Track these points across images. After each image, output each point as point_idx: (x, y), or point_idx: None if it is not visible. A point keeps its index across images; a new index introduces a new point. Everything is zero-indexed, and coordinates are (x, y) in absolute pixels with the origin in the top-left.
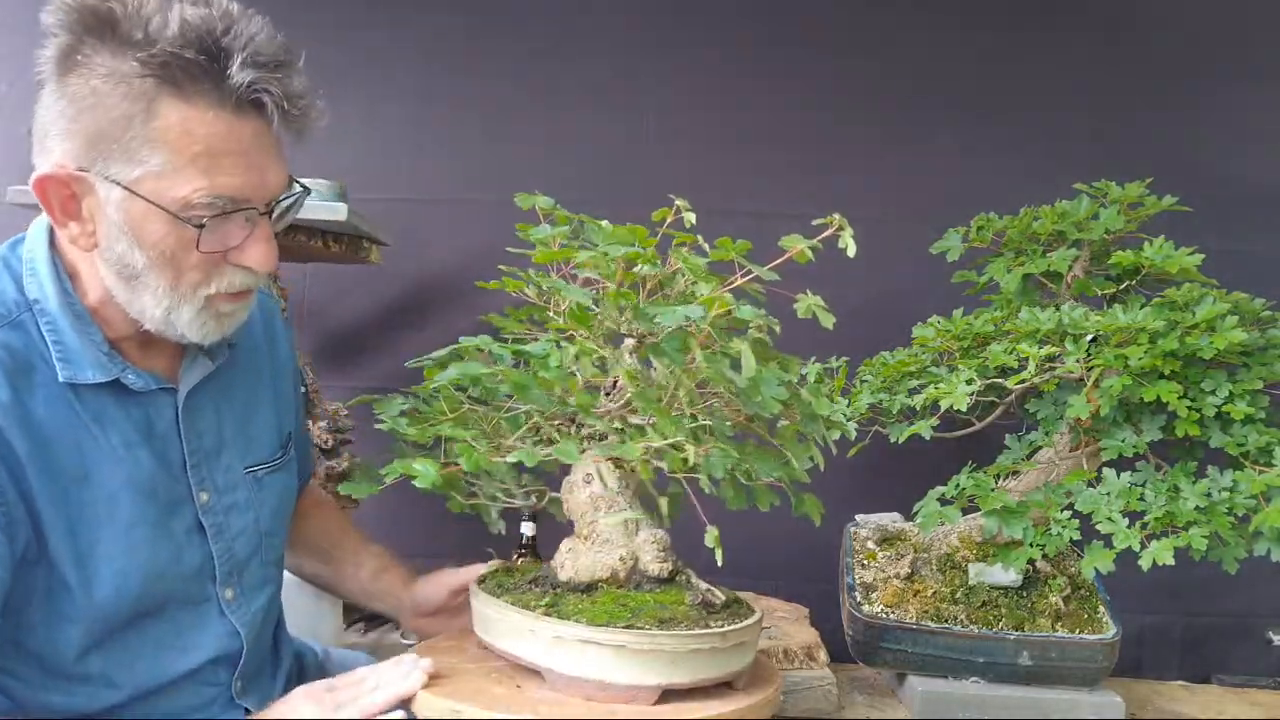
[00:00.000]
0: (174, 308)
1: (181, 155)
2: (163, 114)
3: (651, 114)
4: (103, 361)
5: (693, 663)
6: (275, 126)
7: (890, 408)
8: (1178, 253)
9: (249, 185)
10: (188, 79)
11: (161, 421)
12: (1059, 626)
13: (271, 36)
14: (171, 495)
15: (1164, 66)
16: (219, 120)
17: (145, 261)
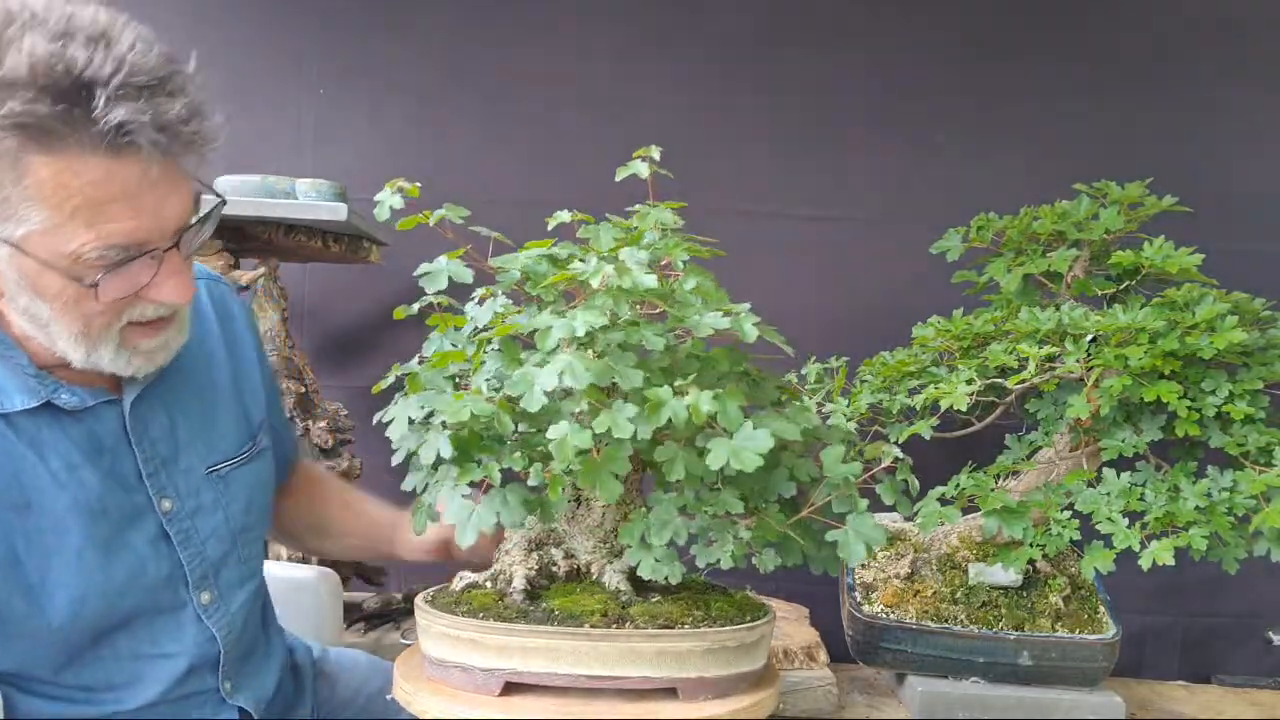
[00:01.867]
0: (91, 350)
1: (61, 210)
2: (32, 171)
3: (651, 114)
4: (31, 386)
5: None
6: (175, 163)
7: (890, 408)
8: (1178, 253)
9: (142, 229)
10: (49, 132)
11: (109, 435)
12: (1059, 626)
13: (146, 50)
14: (128, 509)
15: (1164, 66)
16: (94, 167)
17: (50, 312)
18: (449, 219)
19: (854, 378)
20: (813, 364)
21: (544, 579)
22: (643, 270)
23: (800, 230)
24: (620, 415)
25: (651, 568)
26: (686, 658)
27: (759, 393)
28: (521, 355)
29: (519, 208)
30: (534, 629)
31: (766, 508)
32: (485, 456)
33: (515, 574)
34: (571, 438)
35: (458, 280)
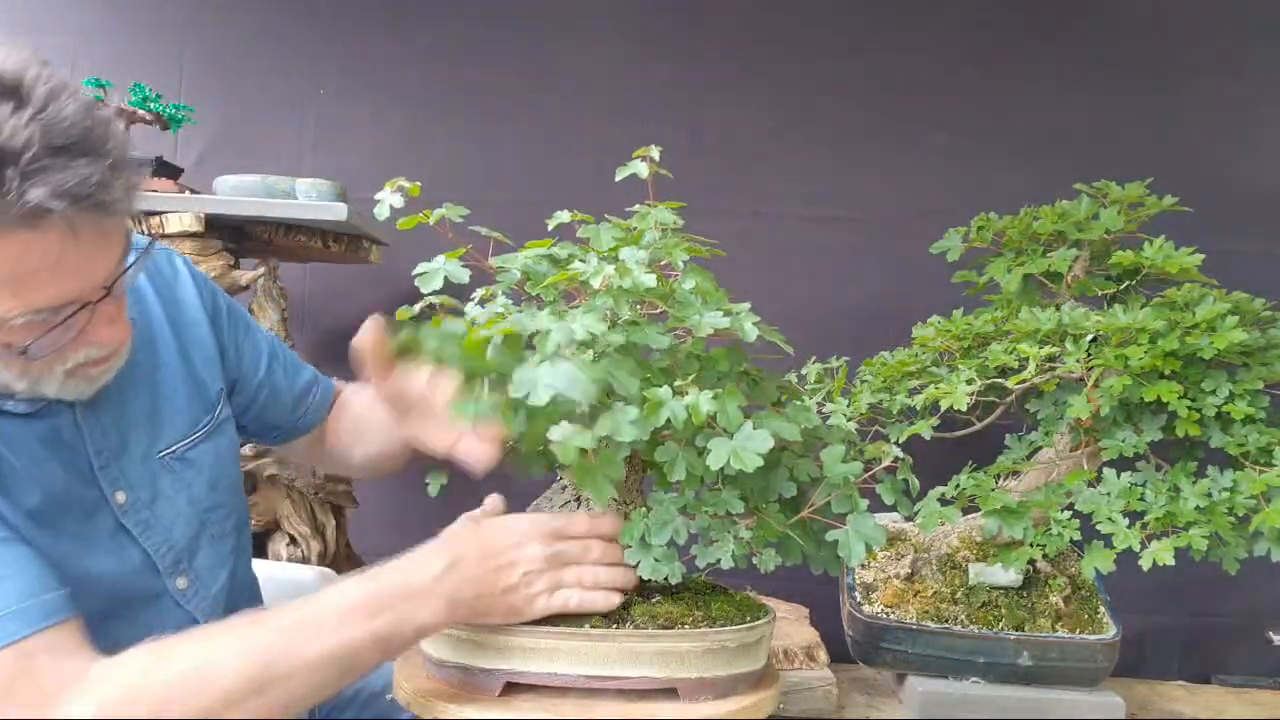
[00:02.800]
0: (35, 385)
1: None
2: None
3: (651, 115)
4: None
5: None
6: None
7: (890, 408)
8: (1178, 253)
9: (68, 291)
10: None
11: (65, 429)
12: (1059, 627)
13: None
14: (88, 503)
15: (1164, 66)
16: (12, 243)
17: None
18: (449, 219)
19: (854, 378)
20: (813, 364)
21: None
22: (643, 270)
23: (800, 230)
24: (622, 418)
25: (651, 568)
26: (686, 658)
27: (759, 393)
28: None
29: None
30: (534, 629)
31: (767, 508)
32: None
33: None
34: (575, 439)
35: (454, 280)
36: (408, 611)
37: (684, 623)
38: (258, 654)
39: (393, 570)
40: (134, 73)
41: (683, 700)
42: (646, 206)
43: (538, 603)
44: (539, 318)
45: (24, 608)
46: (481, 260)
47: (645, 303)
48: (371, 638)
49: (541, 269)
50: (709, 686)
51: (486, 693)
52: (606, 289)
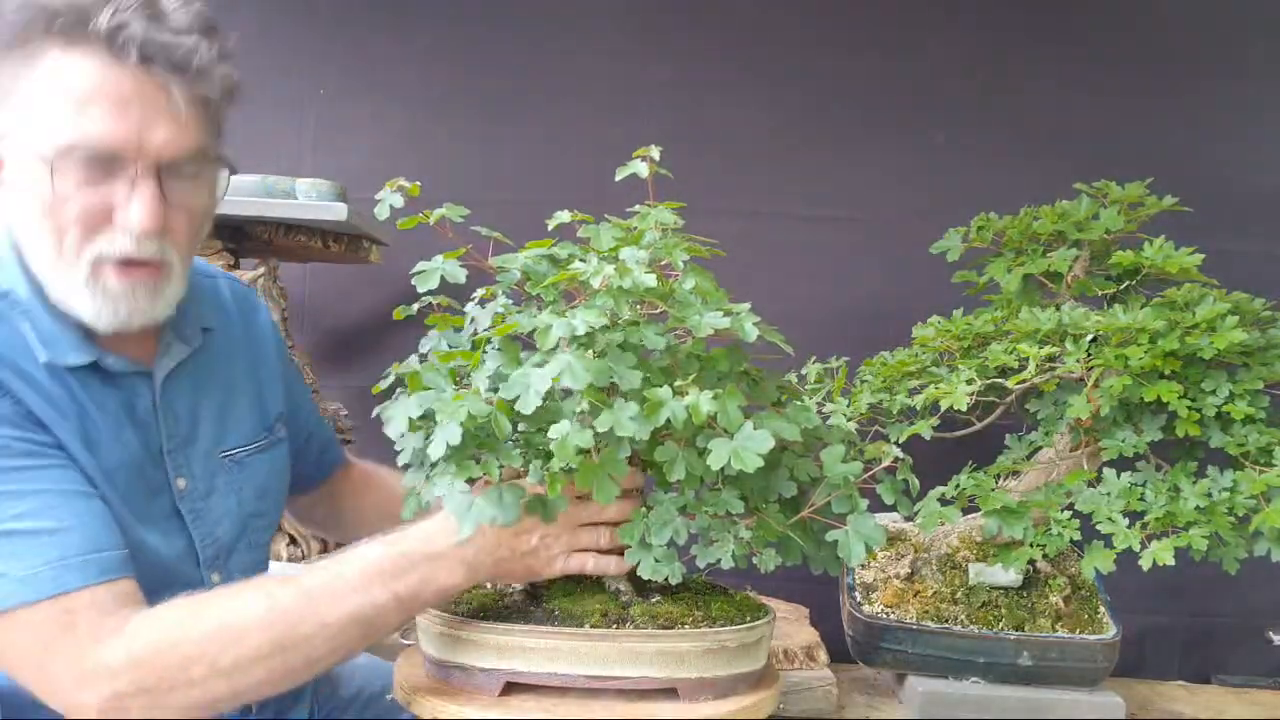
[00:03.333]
0: (63, 275)
1: (52, 100)
2: (41, 61)
3: (651, 115)
4: (82, 345)
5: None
6: (172, 91)
7: (890, 408)
8: (1178, 253)
9: (119, 135)
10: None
11: (141, 406)
12: (1059, 627)
13: (181, 5)
14: (153, 481)
15: (1164, 67)
16: (90, 65)
17: (31, 217)
18: (449, 219)
19: (854, 378)
20: (813, 364)
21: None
22: (643, 270)
23: (800, 230)
24: (622, 414)
25: (651, 568)
26: (686, 658)
27: (759, 393)
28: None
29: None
30: (534, 629)
31: (767, 508)
32: (484, 453)
33: None
34: (572, 437)
35: (451, 280)
36: (429, 574)
37: (684, 623)
38: (283, 614)
39: (416, 534)
40: None
41: (683, 700)
42: (646, 206)
43: (555, 564)
44: (540, 316)
45: (82, 560)
46: (481, 260)
47: (645, 303)
48: (394, 599)
49: (541, 269)
50: (709, 686)
51: (486, 693)
52: (606, 289)
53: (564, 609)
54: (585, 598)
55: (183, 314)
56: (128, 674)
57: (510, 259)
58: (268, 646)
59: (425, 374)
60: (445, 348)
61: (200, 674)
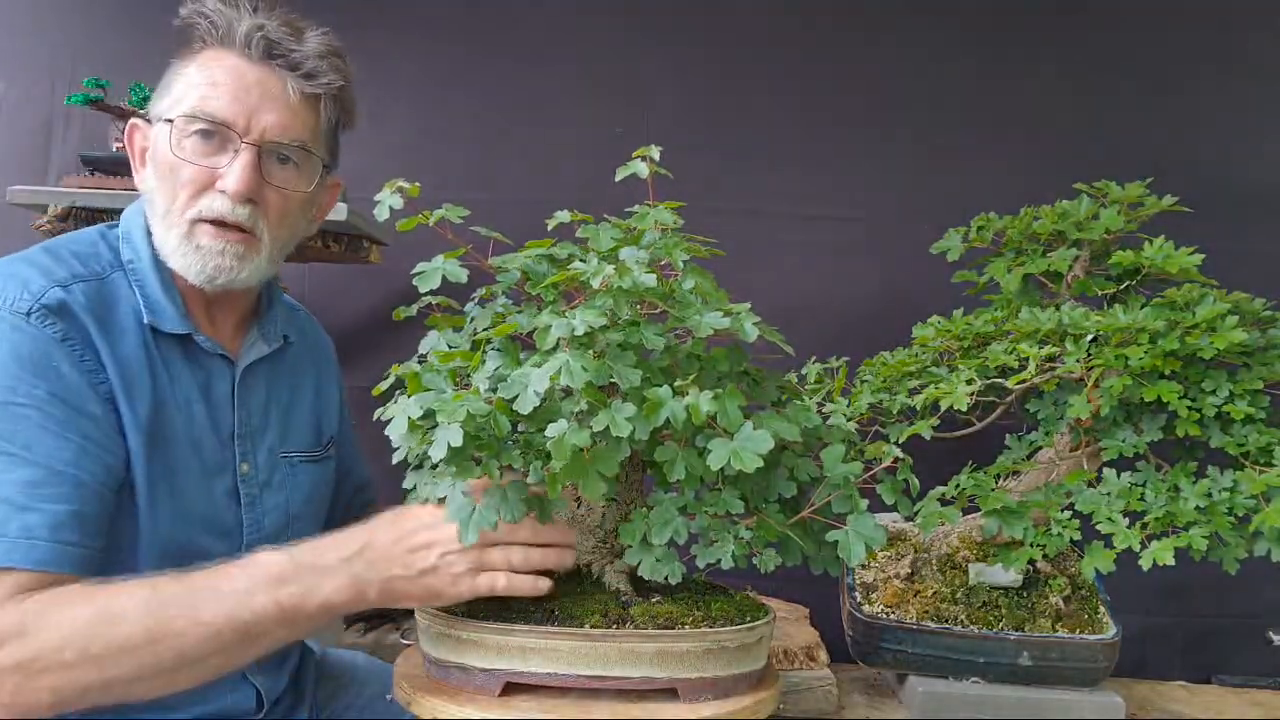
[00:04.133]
0: (168, 231)
1: (193, 83)
2: (198, 58)
3: (651, 114)
4: (182, 319)
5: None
6: (288, 85)
7: (890, 408)
8: (1178, 253)
9: (232, 112)
10: (219, 34)
11: (219, 388)
12: (1059, 627)
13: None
14: (217, 458)
15: (1163, 66)
16: (230, 59)
17: (156, 181)
18: (448, 219)
19: (854, 378)
20: (813, 364)
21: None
22: (643, 270)
23: (800, 230)
24: (619, 414)
25: (651, 568)
26: (686, 658)
27: (759, 393)
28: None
29: (519, 208)
30: (534, 629)
31: (767, 508)
32: (484, 455)
33: None
34: (570, 436)
35: (452, 280)
36: (313, 586)
37: (684, 623)
38: (160, 605)
39: (308, 547)
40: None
41: (683, 700)
42: (646, 206)
43: (461, 585)
44: (539, 316)
45: (25, 542)
46: (481, 260)
47: (645, 303)
48: (275, 606)
49: (541, 269)
50: (709, 686)
51: (486, 693)
52: (606, 289)
53: (564, 609)
54: (585, 598)
55: (269, 318)
56: (8, 645)
57: (510, 259)
58: (139, 636)
59: (425, 375)
60: (445, 348)
61: (71, 658)
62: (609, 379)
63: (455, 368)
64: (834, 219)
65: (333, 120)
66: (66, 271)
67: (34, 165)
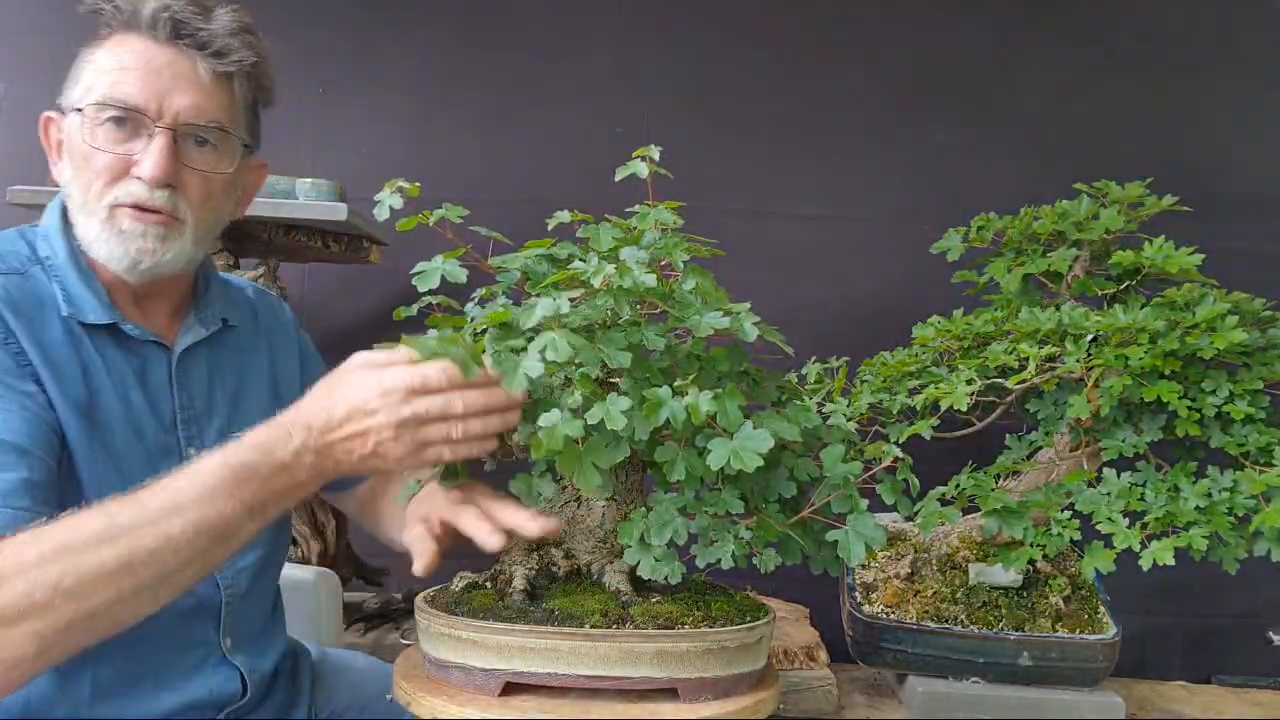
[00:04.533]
0: (87, 220)
1: (102, 70)
2: (105, 44)
3: (651, 114)
4: (104, 309)
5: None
6: (198, 65)
7: (890, 408)
8: (1178, 253)
9: (144, 96)
10: (124, 15)
11: (156, 373)
12: (1059, 627)
13: (228, 10)
14: (161, 444)
15: (1164, 66)
16: (138, 43)
17: (72, 171)
18: (448, 219)
19: (854, 378)
20: (813, 364)
21: (544, 579)
22: (643, 270)
23: (800, 230)
24: (614, 407)
25: (651, 568)
26: (686, 658)
27: (759, 393)
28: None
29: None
30: (534, 629)
31: (766, 508)
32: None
33: (515, 574)
34: (563, 426)
35: (451, 280)
36: (271, 482)
37: (684, 623)
38: (123, 530)
39: (250, 446)
40: None
41: (683, 700)
42: (646, 206)
43: (406, 462)
44: (527, 301)
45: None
46: (481, 260)
47: (645, 303)
48: (241, 506)
49: (541, 269)
50: (709, 686)
51: (486, 693)
52: (607, 289)
53: (564, 609)
54: (585, 598)
55: (206, 303)
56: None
57: (510, 259)
58: (112, 563)
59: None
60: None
61: (44, 598)
62: (598, 360)
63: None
64: (834, 219)
65: (249, 99)
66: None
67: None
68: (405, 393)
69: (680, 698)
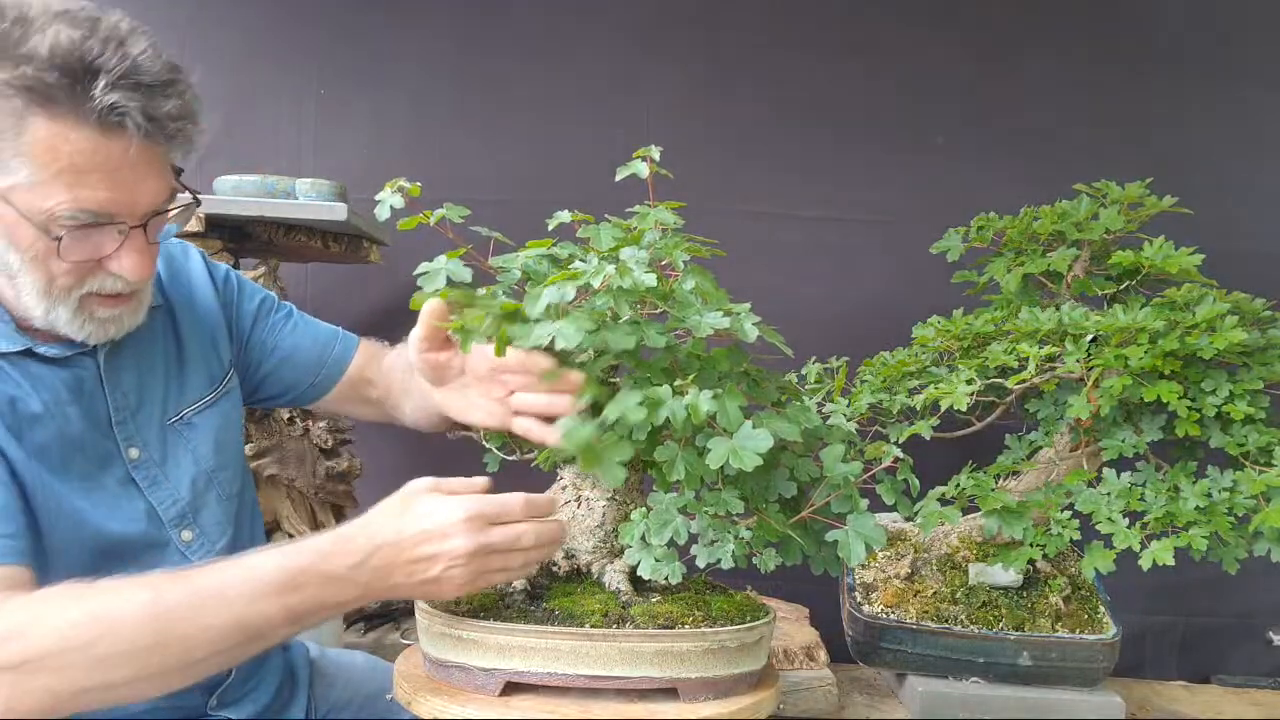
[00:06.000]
0: (51, 308)
1: (47, 170)
2: (30, 130)
3: (651, 114)
4: (12, 335)
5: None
6: (159, 151)
7: (890, 408)
8: (1178, 253)
9: (114, 201)
10: (52, 99)
11: (88, 380)
12: (1059, 627)
13: (155, 57)
14: (100, 451)
15: (1163, 67)
16: (84, 138)
17: (19, 262)
18: (449, 219)
19: (854, 378)
20: (813, 364)
21: (544, 579)
22: (643, 270)
23: (800, 230)
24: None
25: (651, 568)
26: (687, 658)
27: (759, 393)
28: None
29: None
30: (534, 629)
31: (767, 508)
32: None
33: None
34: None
35: (456, 280)
36: (321, 593)
37: (684, 623)
38: (166, 611)
39: (312, 551)
40: None
41: (683, 700)
42: (646, 206)
43: (461, 591)
44: (531, 290)
45: None
46: (482, 260)
47: (645, 302)
48: (285, 611)
49: (541, 269)
50: (709, 686)
51: (486, 693)
52: (607, 289)
53: (564, 609)
54: (585, 597)
55: None
56: (5, 645)
57: (510, 259)
58: (145, 640)
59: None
60: None
61: (71, 660)
62: (601, 340)
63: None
64: (834, 219)
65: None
66: None
67: None
68: (483, 518)
69: (680, 698)
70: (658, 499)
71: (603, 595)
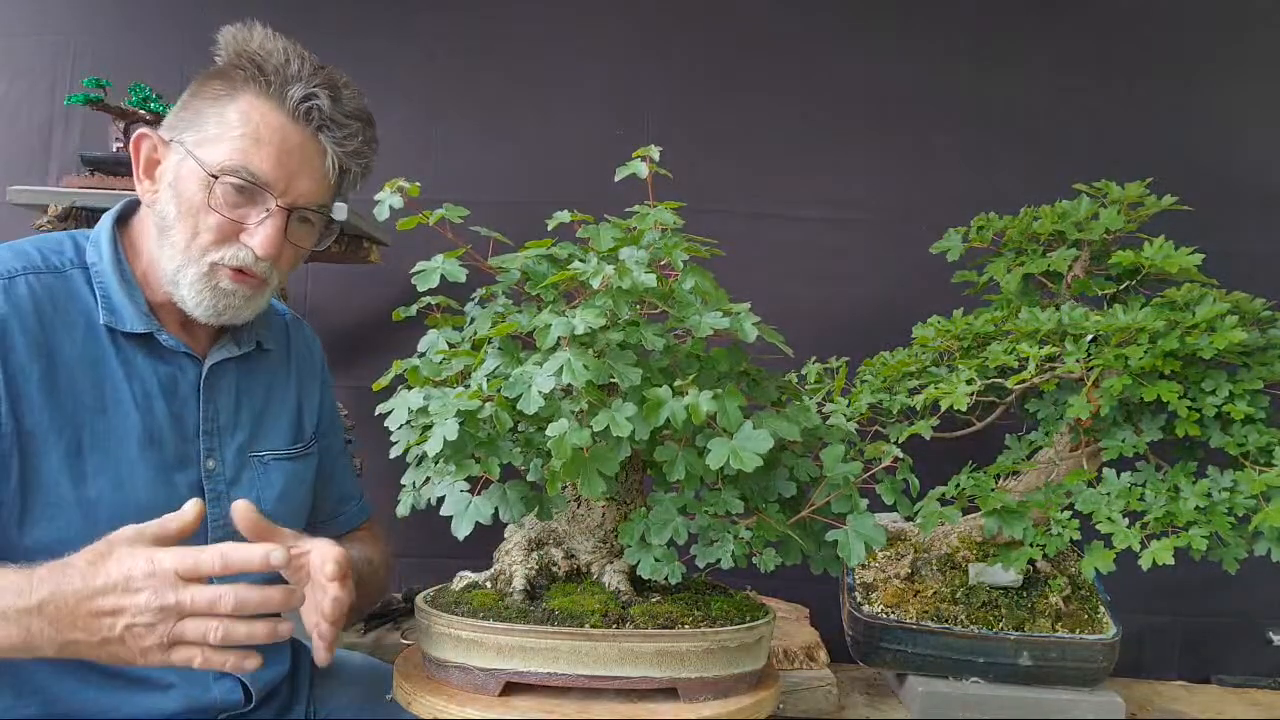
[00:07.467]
0: (183, 266)
1: (235, 130)
2: (240, 99)
3: (651, 114)
4: (142, 318)
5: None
6: (328, 155)
7: (890, 408)
8: (1178, 253)
9: (275, 175)
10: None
11: (185, 385)
12: (1059, 627)
13: (356, 96)
14: (180, 453)
15: (1163, 66)
16: (275, 116)
17: (176, 213)
18: (449, 219)
19: (854, 378)
20: (813, 364)
21: (544, 579)
22: (643, 270)
23: (800, 230)
24: (619, 414)
25: (651, 567)
26: (686, 658)
27: (759, 393)
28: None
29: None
30: (534, 629)
31: (766, 508)
32: (483, 452)
33: (515, 574)
34: (570, 435)
35: (451, 279)
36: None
37: (684, 623)
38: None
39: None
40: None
41: (683, 700)
42: (646, 206)
43: (151, 658)
44: (539, 316)
45: None
46: (481, 260)
47: (645, 303)
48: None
49: (541, 269)
50: (709, 686)
51: (486, 693)
52: (606, 289)
53: (564, 609)
54: (585, 597)
55: (245, 325)
56: None
57: (510, 259)
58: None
59: (424, 367)
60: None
61: None
62: (609, 378)
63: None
64: (834, 219)
65: (355, 182)
66: (21, 264)
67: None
68: (177, 574)
69: (680, 698)
70: (658, 499)
71: (602, 595)
